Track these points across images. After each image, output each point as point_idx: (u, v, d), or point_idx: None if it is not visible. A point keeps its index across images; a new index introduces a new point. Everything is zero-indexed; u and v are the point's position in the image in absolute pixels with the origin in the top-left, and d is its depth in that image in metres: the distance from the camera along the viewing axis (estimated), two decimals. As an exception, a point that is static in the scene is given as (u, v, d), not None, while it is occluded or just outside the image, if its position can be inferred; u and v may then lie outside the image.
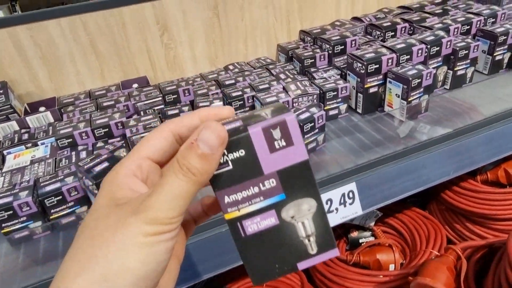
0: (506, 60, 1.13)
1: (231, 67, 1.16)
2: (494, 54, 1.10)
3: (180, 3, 1.04)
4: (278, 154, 0.30)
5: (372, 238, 1.09)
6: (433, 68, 1.04)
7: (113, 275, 0.26)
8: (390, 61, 0.97)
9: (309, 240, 0.33)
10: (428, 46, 0.99)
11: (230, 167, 0.30)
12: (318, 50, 1.11)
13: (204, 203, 0.36)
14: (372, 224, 1.09)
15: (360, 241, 1.09)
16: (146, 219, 0.26)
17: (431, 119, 0.98)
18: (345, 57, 1.06)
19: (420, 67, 0.94)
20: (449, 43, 1.02)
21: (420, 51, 0.99)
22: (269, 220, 0.32)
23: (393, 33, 1.15)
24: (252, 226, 0.32)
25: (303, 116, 0.86)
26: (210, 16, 1.09)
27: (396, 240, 1.10)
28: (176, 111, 0.95)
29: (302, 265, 0.33)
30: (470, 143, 0.91)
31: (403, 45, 0.99)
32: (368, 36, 1.17)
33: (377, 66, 0.96)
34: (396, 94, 0.97)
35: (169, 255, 0.28)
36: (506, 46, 1.10)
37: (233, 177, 0.30)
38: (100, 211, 0.28)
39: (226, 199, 0.31)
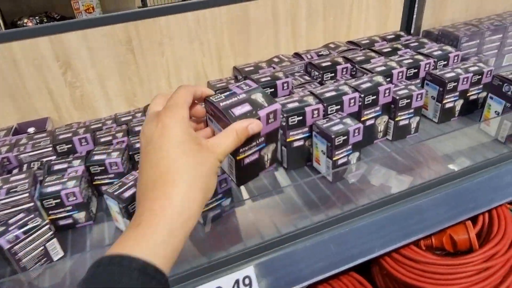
0: (458, 108, 1.01)
1: (150, 107, 1.03)
2: (444, 102, 0.98)
3: (84, 38, 0.91)
4: (269, 125, 0.51)
5: (301, 309, 0.95)
6: (372, 117, 0.92)
7: (211, 188, 0.43)
8: (315, 112, 0.84)
9: (267, 160, 0.55)
10: (362, 95, 0.87)
11: None
12: (246, 92, 0.98)
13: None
14: (300, 294, 0.95)
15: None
16: (218, 157, 0.43)
17: (362, 181, 0.85)
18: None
19: (349, 121, 0.82)
20: (387, 91, 0.90)
21: (352, 101, 0.87)
22: (254, 156, 0.52)
23: (332, 74, 1.03)
24: (246, 160, 0.51)
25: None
26: (124, 52, 0.96)
27: (328, 312, 0.96)
28: (65, 165, 0.82)
29: (265, 170, 0.56)
30: (401, 214, 0.78)
31: (333, 93, 0.87)
32: (306, 77, 1.04)
33: (301, 118, 0.83)
34: (321, 151, 0.84)
35: None
36: (457, 93, 0.98)
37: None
38: (189, 141, 0.41)
39: (240, 150, 0.49)
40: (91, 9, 3.56)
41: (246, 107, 0.48)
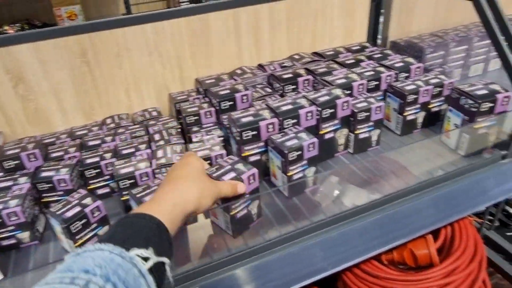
0: (420, 120, 1.00)
1: (108, 120, 1.00)
2: (405, 114, 0.97)
3: (36, 50, 0.89)
4: (251, 185, 0.71)
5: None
6: (331, 131, 0.90)
7: (204, 205, 0.57)
8: (270, 126, 0.83)
9: (254, 214, 0.76)
10: (320, 109, 0.86)
11: None
12: (205, 105, 0.96)
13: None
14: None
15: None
16: (219, 192, 0.62)
17: (318, 196, 0.84)
18: (232, 115, 0.92)
19: (304, 135, 0.80)
20: (345, 104, 0.88)
21: (309, 114, 0.86)
22: (244, 211, 0.72)
23: (294, 86, 1.02)
24: (238, 215, 0.71)
25: (148, 199, 0.70)
26: (78, 65, 0.94)
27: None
28: (10, 182, 0.79)
29: (254, 222, 0.77)
30: (354, 231, 0.77)
31: (289, 106, 0.86)
32: (267, 89, 1.03)
33: (255, 132, 0.82)
34: (277, 166, 0.82)
35: None
36: (418, 105, 0.97)
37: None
38: (202, 173, 0.61)
39: (232, 207, 0.69)
40: (73, 16, 3.52)
41: (232, 174, 0.68)
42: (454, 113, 0.92)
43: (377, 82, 1.00)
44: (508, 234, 1.41)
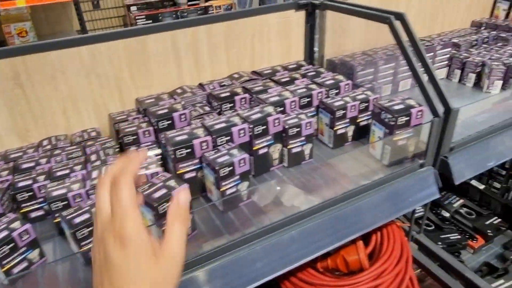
0: (350, 133, 1.07)
1: (45, 142, 1.00)
2: (335, 128, 1.03)
3: (-36, 73, 0.88)
4: None
5: None
6: (264, 146, 0.95)
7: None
8: (204, 144, 0.86)
9: (188, 228, 0.75)
10: (251, 126, 0.90)
11: None
12: (144, 125, 0.98)
13: None
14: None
15: None
16: (177, 258, 0.45)
17: (253, 209, 0.88)
18: (170, 134, 0.94)
19: (235, 152, 0.84)
20: (277, 121, 0.94)
21: (242, 132, 0.90)
22: None
23: (231, 105, 1.06)
24: None
25: (79, 220, 0.71)
26: (11, 88, 0.94)
27: None
28: None
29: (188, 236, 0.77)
30: (284, 240, 0.81)
31: (223, 125, 0.90)
32: (206, 108, 1.06)
33: (189, 150, 0.85)
34: (211, 182, 0.86)
35: None
36: (347, 120, 1.04)
37: None
38: (147, 259, 0.42)
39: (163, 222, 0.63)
40: (24, 33, 3.41)
41: (163, 191, 0.72)
42: (377, 126, 0.99)
43: (309, 99, 1.06)
44: (442, 236, 1.52)
